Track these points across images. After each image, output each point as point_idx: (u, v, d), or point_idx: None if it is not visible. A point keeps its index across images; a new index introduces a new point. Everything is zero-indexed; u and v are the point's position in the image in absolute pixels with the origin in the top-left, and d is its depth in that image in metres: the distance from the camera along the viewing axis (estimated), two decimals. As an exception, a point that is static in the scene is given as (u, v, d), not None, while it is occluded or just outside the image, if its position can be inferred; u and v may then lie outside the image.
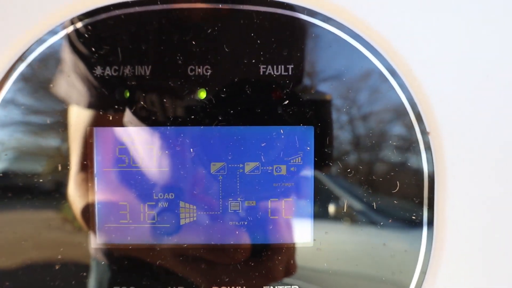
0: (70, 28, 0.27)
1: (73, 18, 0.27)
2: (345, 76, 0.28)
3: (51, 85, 0.28)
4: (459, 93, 0.28)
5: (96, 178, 0.29)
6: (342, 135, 0.28)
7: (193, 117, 0.28)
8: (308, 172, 0.29)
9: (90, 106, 0.28)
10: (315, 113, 0.28)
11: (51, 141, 0.28)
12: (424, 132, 0.28)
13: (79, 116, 0.28)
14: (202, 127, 0.28)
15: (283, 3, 0.27)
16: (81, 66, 0.28)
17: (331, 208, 0.29)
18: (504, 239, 0.28)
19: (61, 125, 0.28)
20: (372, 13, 0.28)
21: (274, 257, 0.29)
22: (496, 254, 0.28)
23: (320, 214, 0.29)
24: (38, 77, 0.28)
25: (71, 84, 0.28)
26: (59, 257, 0.29)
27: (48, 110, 0.28)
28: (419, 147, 0.28)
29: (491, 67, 0.28)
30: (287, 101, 0.28)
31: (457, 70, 0.28)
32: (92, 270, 0.29)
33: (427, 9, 0.28)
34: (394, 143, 0.28)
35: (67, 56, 0.28)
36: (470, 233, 0.28)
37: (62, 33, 0.28)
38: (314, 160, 0.28)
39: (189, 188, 0.29)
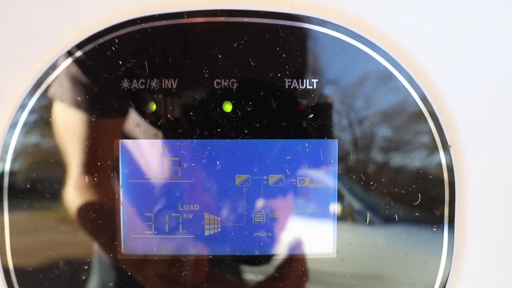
0: (97, 41, 0.28)
1: (100, 31, 0.28)
2: (369, 90, 0.28)
3: (78, 98, 0.28)
4: (480, 106, 0.28)
5: (121, 190, 0.29)
6: (365, 149, 0.29)
7: (219, 130, 0.28)
8: (332, 185, 0.29)
9: (116, 118, 0.28)
10: (339, 126, 0.28)
11: (78, 153, 0.28)
12: (445, 145, 0.29)
13: (105, 129, 0.28)
14: (228, 140, 0.28)
15: (309, 17, 0.28)
16: (108, 79, 0.28)
17: (354, 220, 0.29)
18: (523, 251, 0.29)
19: (88, 138, 0.28)
20: (395, 27, 0.28)
21: (297, 268, 0.29)
22: (516, 266, 0.29)
23: (343, 226, 0.29)
24: (66, 90, 0.28)
25: (98, 97, 0.28)
26: (85, 267, 0.29)
27: (75, 123, 0.28)
28: (440, 161, 0.29)
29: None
30: (312, 115, 0.28)
31: (478, 82, 0.28)
32: (118, 280, 0.29)
33: (448, 20, 0.28)
34: (416, 156, 0.29)
35: (94, 69, 0.28)
36: (491, 245, 0.29)
37: (89, 46, 0.28)
38: (338, 173, 0.29)
39: (213, 200, 0.29)
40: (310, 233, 0.29)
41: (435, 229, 0.29)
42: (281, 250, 0.29)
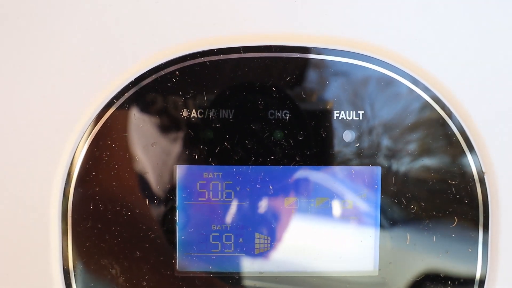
0: (159, 73, 0.30)
1: (162, 64, 0.30)
2: (410, 122, 0.30)
3: (141, 125, 0.30)
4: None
5: (178, 211, 0.31)
6: (406, 175, 0.31)
7: (272, 157, 0.30)
8: (374, 208, 0.31)
9: (176, 145, 0.30)
10: (383, 155, 0.31)
11: (138, 177, 0.30)
12: (480, 172, 0.31)
13: (165, 154, 0.30)
14: (280, 166, 0.30)
15: (356, 54, 0.30)
16: (169, 108, 0.30)
17: (395, 241, 0.31)
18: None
19: (149, 162, 0.30)
20: (434, 63, 0.30)
21: (342, 286, 0.31)
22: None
23: (384, 246, 0.31)
24: (128, 118, 0.30)
25: (159, 124, 0.30)
26: (144, 283, 0.31)
27: (137, 148, 0.30)
28: (475, 187, 0.31)
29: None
30: (358, 144, 0.30)
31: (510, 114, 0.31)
32: (174, 295, 0.31)
33: (483, 57, 0.31)
34: (453, 183, 0.31)
35: (156, 99, 0.30)
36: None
37: (153, 77, 0.30)
38: (380, 196, 0.31)
39: (264, 221, 0.31)
40: (353, 252, 0.32)
41: (470, 250, 0.31)
42: (326, 268, 0.32)
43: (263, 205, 0.31)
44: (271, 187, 0.31)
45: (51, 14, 0.29)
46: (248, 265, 0.31)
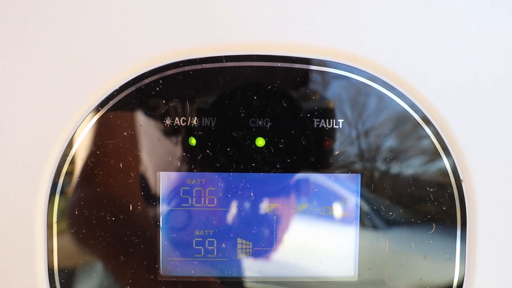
0: (143, 82, 0.30)
1: (146, 72, 0.30)
2: (389, 130, 0.31)
3: (125, 133, 0.31)
4: (492, 143, 0.31)
5: (161, 216, 0.32)
6: (385, 182, 0.31)
7: (253, 164, 0.31)
8: (354, 214, 0.32)
9: (159, 152, 0.31)
10: (362, 162, 0.31)
11: (122, 183, 0.31)
12: (458, 179, 0.31)
13: (148, 161, 0.31)
14: (261, 173, 0.31)
15: (336, 63, 0.31)
16: (153, 116, 0.31)
17: (374, 246, 0.32)
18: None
19: (132, 169, 0.31)
20: (411, 71, 0.31)
21: (322, 290, 0.32)
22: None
23: (364, 252, 0.32)
24: (113, 126, 0.31)
25: (143, 132, 0.31)
26: None
27: (121, 155, 0.31)
28: (453, 193, 0.31)
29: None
30: (338, 151, 0.31)
31: (489, 121, 0.31)
32: (157, 299, 0.32)
33: (460, 64, 0.31)
34: (431, 189, 0.31)
35: (140, 107, 0.30)
36: (500, 275, 0.31)
37: (137, 85, 0.30)
38: (360, 203, 0.32)
39: (246, 226, 0.32)
40: (334, 257, 0.32)
41: (448, 256, 0.32)
42: (307, 273, 0.32)
43: (245, 211, 0.32)
44: (252, 193, 0.31)
45: (37, 21, 0.30)
46: (231, 270, 0.32)
